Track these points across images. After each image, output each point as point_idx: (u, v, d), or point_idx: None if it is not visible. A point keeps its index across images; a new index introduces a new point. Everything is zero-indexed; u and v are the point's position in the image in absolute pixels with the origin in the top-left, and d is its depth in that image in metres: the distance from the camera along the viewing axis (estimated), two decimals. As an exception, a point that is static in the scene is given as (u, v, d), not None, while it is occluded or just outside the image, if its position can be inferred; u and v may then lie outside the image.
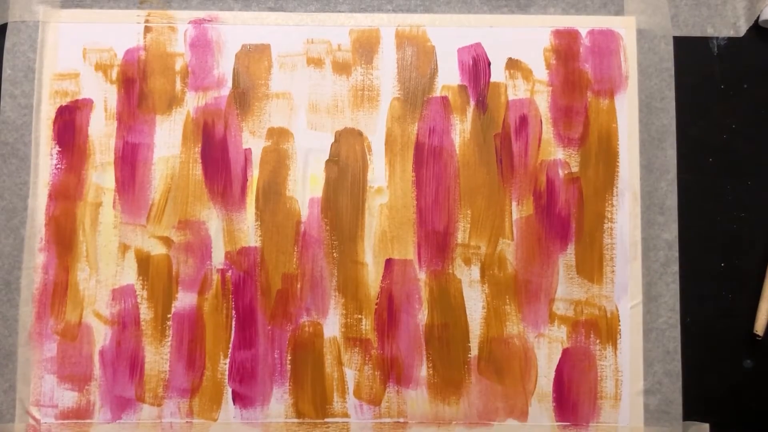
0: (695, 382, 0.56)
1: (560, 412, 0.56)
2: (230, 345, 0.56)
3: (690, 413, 0.56)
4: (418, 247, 0.57)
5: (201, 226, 0.57)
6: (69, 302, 0.56)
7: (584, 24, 0.59)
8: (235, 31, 0.59)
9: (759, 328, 0.56)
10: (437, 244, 0.57)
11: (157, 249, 0.57)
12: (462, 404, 0.56)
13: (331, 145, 0.58)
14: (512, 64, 0.59)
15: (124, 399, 0.56)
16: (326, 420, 0.56)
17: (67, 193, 0.57)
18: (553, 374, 0.56)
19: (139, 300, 0.56)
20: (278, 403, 0.56)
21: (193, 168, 0.58)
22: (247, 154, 0.58)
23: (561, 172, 0.58)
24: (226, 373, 0.56)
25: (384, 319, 0.57)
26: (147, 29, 0.59)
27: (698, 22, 0.60)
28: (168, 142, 0.58)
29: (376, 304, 0.57)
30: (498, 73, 0.59)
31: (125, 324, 0.56)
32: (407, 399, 0.56)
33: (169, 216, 0.57)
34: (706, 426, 0.56)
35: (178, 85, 0.58)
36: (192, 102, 0.58)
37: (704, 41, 0.60)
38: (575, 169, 0.58)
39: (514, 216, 0.57)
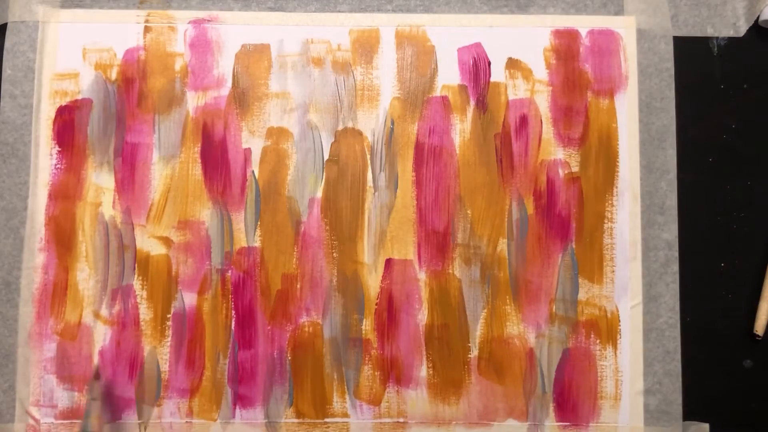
0: (695, 382, 0.56)
1: (560, 412, 0.56)
2: (230, 345, 0.56)
3: (690, 413, 0.56)
4: (418, 247, 0.57)
5: (201, 226, 0.57)
6: (69, 302, 0.56)
7: (584, 24, 0.59)
8: (235, 31, 0.59)
9: (759, 328, 0.56)
10: (437, 244, 0.57)
11: (157, 249, 0.57)
12: (462, 404, 0.56)
13: (331, 145, 0.58)
14: (512, 64, 0.59)
15: (124, 399, 0.56)
16: (326, 420, 0.56)
17: (66, 193, 0.57)
18: (553, 374, 0.56)
19: (138, 300, 0.56)
20: (278, 403, 0.56)
21: (193, 168, 0.58)
22: (247, 153, 0.58)
23: (561, 172, 0.58)
24: (226, 373, 0.56)
25: (384, 319, 0.57)
26: (147, 29, 0.59)
27: (698, 22, 0.60)
28: (168, 142, 0.58)
29: (376, 304, 0.57)
30: (498, 73, 0.59)
31: (125, 324, 0.56)
32: (407, 399, 0.56)
33: (168, 216, 0.57)
34: (706, 426, 0.56)
35: (178, 85, 0.58)
36: (192, 102, 0.58)
37: (704, 41, 0.60)
38: (575, 168, 0.58)
39: (514, 216, 0.57)
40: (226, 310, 0.56)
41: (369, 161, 0.58)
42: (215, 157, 0.58)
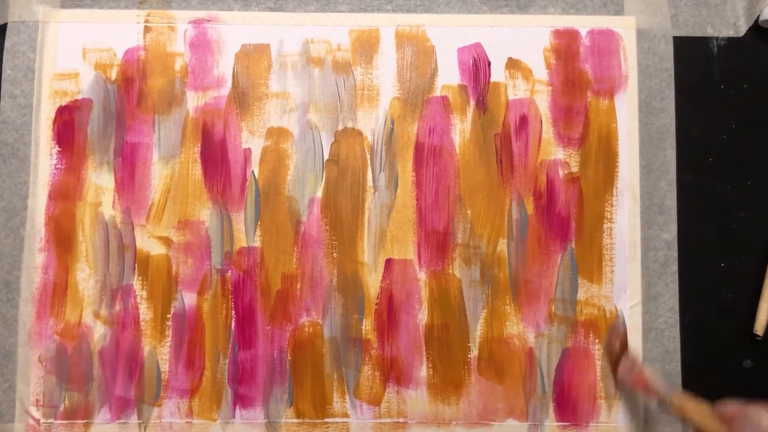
0: (695, 382, 0.56)
1: (560, 412, 0.56)
2: (230, 345, 0.56)
3: (690, 413, 0.56)
4: (418, 247, 0.57)
5: (200, 226, 0.57)
6: (69, 302, 0.56)
7: (584, 24, 0.59)
8: (235, 31, 0.59)
9: (759, 328, 0.56)
10: (437, 244, 0.57)
11: (157, 249, 0.57)
12: (462, 404, 0.56)
13: (331, 145, 0.58)
14: (512, 64, 0.59)
15: (124, 399, 0.56)
16: (326, 420, 0.56)
17: (66, 193, 0.57)
18: (553, 374, 0.56)
19: (138, 300, 0.56)
20: (278, 403, 0.56)
21: (193, 168, 0.58)
22: (247, 153, 0.58)
23: (561, 172, 0.58)
24: (226, 373, 0.56)
25: (384, 319, 0.57)
26: (147, 29, 0.59)
27: (698, 22, 0.60)
28: (168, 142, 0.58)
29: (376, 304, 0.57)
30: (498, 73, 0.59)
31: (125, 324, 0.56)
32: (407, 399, 0.56)
33: (168, 216, 0.57)
34: (706, 426, 0.56)
35: (178, 85, 0.58)
36: (192, 102, 0.58)
37: (704, 41, 0.60)
38: (575, 169, 0.58)
39: (514, 216, 0.57)
40: (226, 310, 0.56)
41: (369, 161, 0.58)
42: (215, 157, 0.58)
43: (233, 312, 0.56)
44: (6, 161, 0.57)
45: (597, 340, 0.57)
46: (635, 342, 0.56)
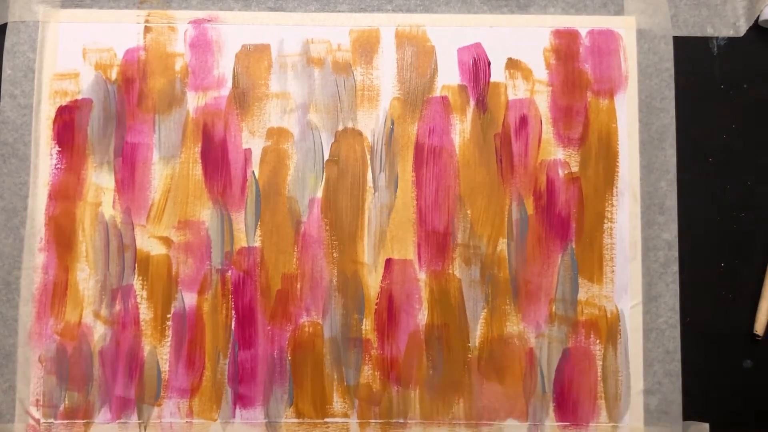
0: (695, 382, 0.56)
1: (560, 412, 0.56)
2: (230, 345, 0.56)
3: (690, 413, 0.56)
4: (418, 247, 0.57)
5: (201, 226, 0.57)
6: (69, 302, 0.56)
7: (584, 24, 0.59)
8: (235, 31, 0.59)
9: (759, 328, 0.56)
10: (437, 244, 0.57)
11: (157, 249, 0.57)
12: (462, 404, 0.56)
13: (331, 145, 0.58)
14: (512, 64, 0.59)
15: (124, 399, 0.56)
16: (326, 420, 0.56)
17: (66, 193, 0.57)
18: (553, 374, 0.56)
19: (138, 300, 0.56)
20: (278, 403, 0.56)
21: (193, 168, 0.58)
22: (247, 154, 0.58)
23: (561, 172, 0.58)
24: (226, 373, 0.56)
25: (384, 319, 0.57)
26: (147, 29, 0.59)
27: (698, 22, 0.60)
28: (168, 142, 0.58)
29: (376, 304, 0.57)
30: (498, 73, 0.59)
31: (125, 324, 0.56)
32: (407, 399, 0.56)
33: (168, 216, 0.57)
34: (706, 426, 0.56)
35: (178, 85, 0.58)
36: (192, 102, 0.58)
37: (704, 41, 0.60)
38: (575, 168, 0.58)
39: (514, 216, 0.57)
40: (226, 310, 0.56)
41: (369, 161, 0.58)
42: (215, 157, 0.58)
43: (233, 312, 0.56)
44: (6, 161, 0.57)
45: (598, 341, 0.57)
46: (636, 342, 0.56)
